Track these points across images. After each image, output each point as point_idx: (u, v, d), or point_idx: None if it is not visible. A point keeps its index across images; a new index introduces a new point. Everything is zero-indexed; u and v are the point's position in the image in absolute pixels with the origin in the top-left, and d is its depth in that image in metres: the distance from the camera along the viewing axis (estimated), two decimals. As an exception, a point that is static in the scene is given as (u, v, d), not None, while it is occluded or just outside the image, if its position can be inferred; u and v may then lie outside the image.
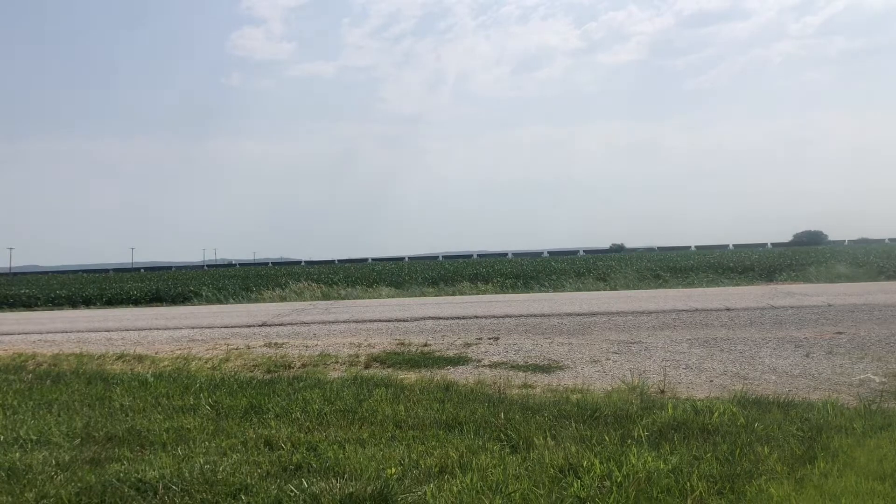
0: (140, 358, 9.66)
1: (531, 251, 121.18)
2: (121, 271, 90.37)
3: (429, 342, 10.21)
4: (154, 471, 4.15)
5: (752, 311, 12.24)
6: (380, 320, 13.35)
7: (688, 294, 16.71)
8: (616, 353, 8.81)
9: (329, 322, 13.51)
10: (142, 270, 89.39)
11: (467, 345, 9.87)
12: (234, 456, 4.49)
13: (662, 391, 6.38)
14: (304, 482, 3.89)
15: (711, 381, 6.99)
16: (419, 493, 3.74)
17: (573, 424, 4.95)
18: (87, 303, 25.25)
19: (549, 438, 4.62)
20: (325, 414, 5.52)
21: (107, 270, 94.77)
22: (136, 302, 24.84)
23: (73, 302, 25.46)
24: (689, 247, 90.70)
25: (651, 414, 5.14)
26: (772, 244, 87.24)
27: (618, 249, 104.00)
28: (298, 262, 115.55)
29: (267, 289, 25.36)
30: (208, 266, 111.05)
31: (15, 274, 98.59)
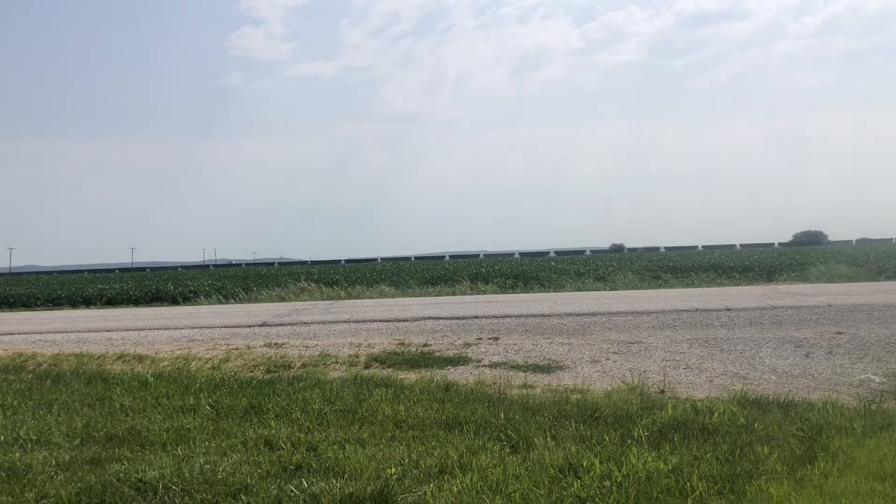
0: (140, 358, 9.66)
1: (506, 251, 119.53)
2: (94, 272, 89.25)
3: (429, 342, 10.21)
4: (154, 471, 4.15)
5: (752, 311, 12.24)
6: (380, 320, 13.35)
7: (688, 294, 16.72)
8: (616, 353, 8.81)
9: (329, 322, 13.51)
10: (116, 271, 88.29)
11: (467, 345, 9.87)
12: (234, 456, 4.49)
13: (662, 391, 6.38)
14: (304, 482, 3.89)
15: (711, 381, 6.99)
16: (419, 493, 3.73)
17: (573, 424, 4.94)
18: (87, 303, 25.23)
19: (549, 438, 4.62)
20: (325, 414, 5.52)
21: (82, 271, 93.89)
22: (136, 302, 24.82)
23: (73, 302, 25.44)
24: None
25: (651, 414, 5.14)
26: (741, 245, 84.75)
27: (618, 249, 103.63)
28: (298, 262, 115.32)
29: (267, 289, 25.35)
30: (184, 267, 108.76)
31: (15, 274, 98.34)
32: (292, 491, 3.77)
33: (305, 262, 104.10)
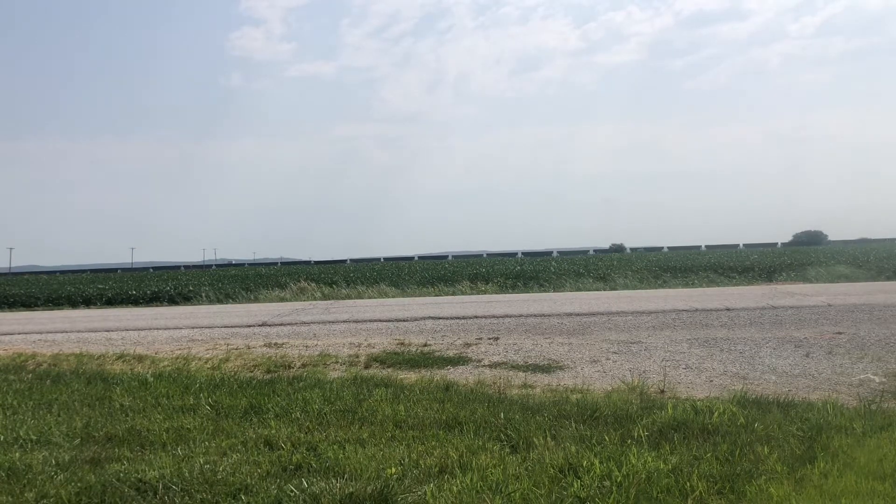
0: (140, 358, 9.66)
1: (475, 252, 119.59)
2: (70, 272, 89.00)
3: (429, 342, 10.21)
4: (154, 471, 4.15)
5: (752, 311, 12.24)
6: (380, 320, 13.35)
7: (688, 294, 16.72)
8: (616, 353, 8.81)
9: (329, 322, 13.51)
10: (89, 272, 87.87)
11: (467, 345, 9.87)
12: (234, 456, 4.49)
13: (662, 391, 6.38)
14: (304, 482, 3.89)
15: (711, 381, 6.99)
16: (419, 493, 3.73)
17: (573, 424, 4.94)
18: (87, 303, 25.21)
19: (549, 438, 4.62)
20: (325, 414, 5.52)
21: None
22: (136, 302, 24.81)
23: (73, 302, 25.42)
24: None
25: (651, 414, 5.13)
26: (706, 246, 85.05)
27: (618, 249, 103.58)
28: (298, 262, 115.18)
29: (267, 289, 25.33)
30: (155, 268, 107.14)
31: (15, 274, 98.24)
32: (292, 491, 3.77)
33: (275, 263, 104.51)
